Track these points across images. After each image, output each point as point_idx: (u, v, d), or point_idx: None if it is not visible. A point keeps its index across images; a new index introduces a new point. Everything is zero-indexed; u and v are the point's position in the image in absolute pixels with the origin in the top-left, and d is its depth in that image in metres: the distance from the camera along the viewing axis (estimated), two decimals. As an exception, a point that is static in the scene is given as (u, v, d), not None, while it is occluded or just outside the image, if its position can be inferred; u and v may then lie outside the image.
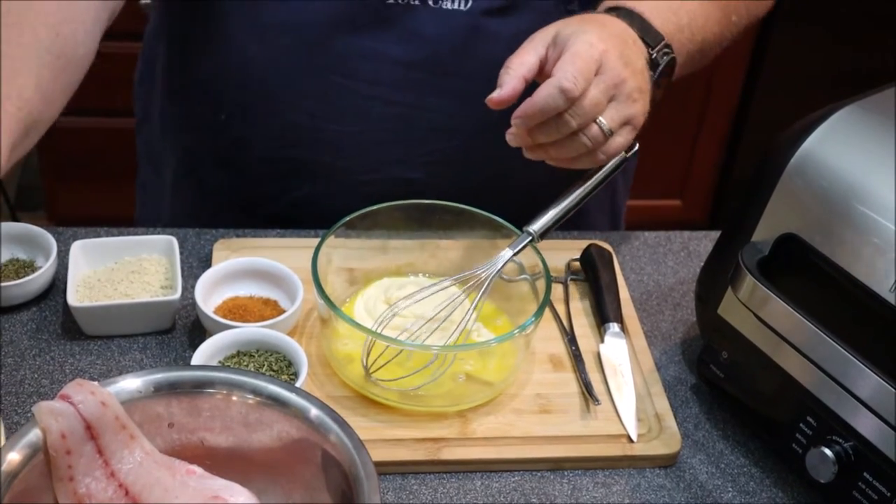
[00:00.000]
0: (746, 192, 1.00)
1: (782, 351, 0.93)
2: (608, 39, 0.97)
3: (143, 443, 0.78)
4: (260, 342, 1.00)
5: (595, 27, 0.98)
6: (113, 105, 2.39)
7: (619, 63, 0.97)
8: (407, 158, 1.18)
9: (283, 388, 0.80)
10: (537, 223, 1.03)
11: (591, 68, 0.95)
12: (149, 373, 0.81)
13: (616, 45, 0.98)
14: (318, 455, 0.78)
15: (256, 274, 1.08)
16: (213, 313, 1.02)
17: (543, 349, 1.07)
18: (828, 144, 0.93)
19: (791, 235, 0.94)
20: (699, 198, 2.66)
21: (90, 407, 0.76)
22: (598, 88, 0.96)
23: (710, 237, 1.25)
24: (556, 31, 0.98)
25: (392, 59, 1.12)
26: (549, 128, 0.97)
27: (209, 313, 1.01)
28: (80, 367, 1.02)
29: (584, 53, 0.95)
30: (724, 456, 1.00)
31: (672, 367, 1.09)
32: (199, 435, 0.81)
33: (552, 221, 1.03)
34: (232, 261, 1.08)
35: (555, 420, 1.00)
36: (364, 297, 1.07)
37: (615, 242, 1.23)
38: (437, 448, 0.96)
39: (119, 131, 2.42)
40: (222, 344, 0.99)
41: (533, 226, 1.02)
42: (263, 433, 0.81)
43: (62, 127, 2.39)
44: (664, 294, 1.18)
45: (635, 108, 0.99)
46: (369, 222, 1.07)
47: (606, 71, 0.96)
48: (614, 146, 0.99)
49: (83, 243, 1.08)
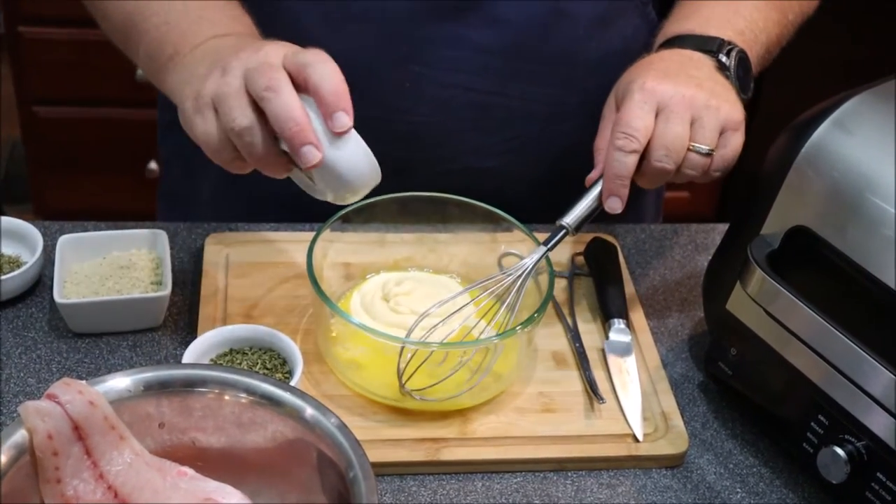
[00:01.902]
0: (755, 184, 1.00)
1: (792, 347, 0.93)
2: (662, 73, 1.00)
3: (132, 443, 0.78)
4: (253, 340, 1.00)
5: (644, 69, 1.02)
6: (102, 94, 2.40)
7: (679, 88, 0.99)
8: (483, 147, 1.20)
9: (277, 387, 0.80)
10: (571, 215, 1.00)
11: (643, 110, 0.98)
12: (138, 371, 0.80)
13: (672, 72, 1.01)
14: (314, 456, 0.78)
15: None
16: None
17: (546, 346, 1.07)
18: (839, 134, 0.93)
19: (801, 228, 0.93)
20: (707, 190, 2.66)
21: (78, 407, 0.76)
22: (671, 122, 0.98)
23: (718, 230, 1.25)
24: (613, 92, 1.03)
25: (474, 45, 1.14)
26: (650, 179, 1.00)
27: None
28: (67, 365, 1.02)
29: (631, 103, 0.98)
30: (733, 456, 1.00)
31: (679, 365, 1.09)
32: (190, 435, 0.81)
33: (587, 213, 1.01)
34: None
35: (558, 419, 1.00)
36: (361, 293, 1.07)
37: (620, 236, 1.23)
38: (437, 448, 0.96)
39: (108, 122, 2.42)
40: (214, 341, 0.99)
41: (566, 218, 1.00)
42: (257, 433, 0.81)
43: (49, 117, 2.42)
44: (671, 289, 1.18)
45: (722, 113, 0.99)
46: (366, 215, 1.07)
47: (669, 101, 0.98)
48: (726, 159, 1.00)
49: (70, 238, 1.08)
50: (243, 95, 0.89)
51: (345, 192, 0.92)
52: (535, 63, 1.16)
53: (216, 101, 0.90)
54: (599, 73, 1.14)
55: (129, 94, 2.33)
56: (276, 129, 0.88)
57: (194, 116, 0.91)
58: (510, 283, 0.98)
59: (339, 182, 0.91)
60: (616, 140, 0.97)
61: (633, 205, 1.13)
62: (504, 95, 1.18)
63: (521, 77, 1.17)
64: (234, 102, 0.88)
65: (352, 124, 0.89)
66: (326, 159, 0.89)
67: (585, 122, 1.09)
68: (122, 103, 2.40)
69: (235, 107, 0.88)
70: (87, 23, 1.14)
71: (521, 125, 1.20)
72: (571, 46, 1.07)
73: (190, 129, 0.93)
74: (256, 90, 0.88)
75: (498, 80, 1.16)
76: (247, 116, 0.88)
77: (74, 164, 2.48)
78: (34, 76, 2.36)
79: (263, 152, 0.89)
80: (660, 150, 0.98)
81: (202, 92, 0.91)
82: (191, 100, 0.92)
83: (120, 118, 2.42)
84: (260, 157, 0.90)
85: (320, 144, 0.88)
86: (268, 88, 0.87)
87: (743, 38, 1.09)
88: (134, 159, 2.44)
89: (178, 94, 0.96)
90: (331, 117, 0.88)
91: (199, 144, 0.92)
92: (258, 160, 0.90)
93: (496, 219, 1.08)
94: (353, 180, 0.91)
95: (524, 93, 1.18)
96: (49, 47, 2.32)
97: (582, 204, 1.01)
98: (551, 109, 1.19)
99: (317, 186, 0.94)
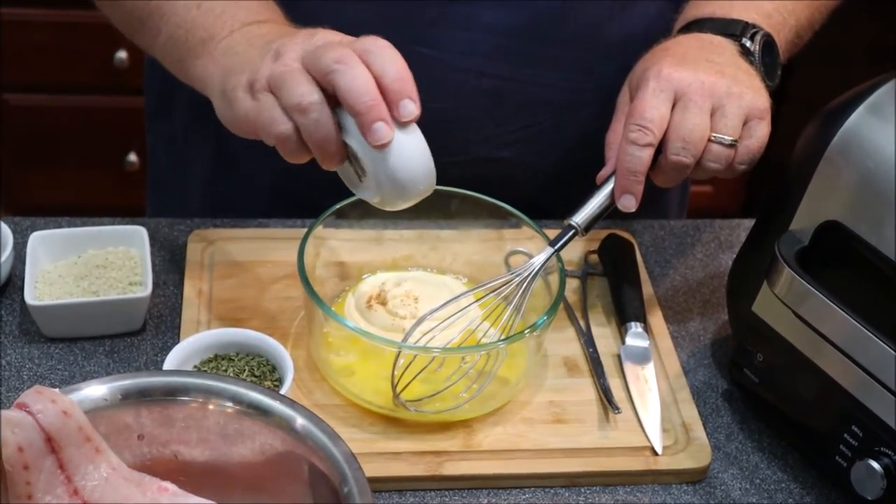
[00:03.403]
0: (783, 176, 1.00)
1: (824, 352, 0.93)
2: (679, 58, 1.00)
3: (109, 457, 0.78)
4: (240, 344, 1.00)
5: (660, 55, 1.02)
6: (77, 81, 2.40)
7: (698, 75, 0.99)
8: (497, 136, 1.20)
9: (265, 396, 0.80)
10: (581, 214, 1.00)
11: (658, 99, 0.97)
12: (116, 379, 0.81)
13: (690, 58, 1.00)
14: (305, 470, 0.79)
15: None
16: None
17: (557, 352, 1.07)
18: (874, 121, 0.93)
19: (833, 223, 0.93)
20: (731, 183, 2.66)
21: (50, 417, 0.76)
22: (689, 112, 0.98)
23: (744, 226, 1.25)
24: (627, 82, 1.03)
25: (486, 26, 1.14)
26: (667, 175, 1.00)
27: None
28: (39, 372, 1.02)
29: (645, 92, 0.98)
30: (760, 470, 1.00)
31: (701, 372, 1.09)
32: (172, 448, 0.81)
33: (599, 211, 1.01)
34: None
35: (570, 431, 1.00)
36: (356, 295, 1.07)
37: (638, 232, 1.23)
38: (439, 462, 0.96)
39: (84, 110, 2.42)
40: (198, 346, 0.99)
41: (576, 217, 1.00)
42: (244, 446, 0.81)
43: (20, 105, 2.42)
44: (692, 290, 1.18)
45: (745, 100, 0.99)
46: (361, 210, 1.07)
47: (687, 89, 0.98)
48: (751, 150, 1.00)
49: (43, 234, 1.08)
50: (305, 73, 0.89)
51: (394, 193, 0.91)
52: (552, 45, 1.16)
53: (274, 84, 0.90)
54: (620, 56, 1.14)
55: (107, 80, 2.33)
56: (349, 103, 0.87)
57: (249, 103, 0.91)
58: (517, 285, 0.98)
59: (392, 180, 0.90)
60: (629, 133, 0.97)
61: (655, 199, 1.13)
62: (518, 81, 1.18)
63: (537, 61, 1.17)
64: (298, 79, 0.89)
65: (419, 112, 0.89)
66: (389, 147, 0.88)
67: (603, 111, 1.09)
68: (99, 90, 2.40)
69: (301, 82, 0.89)
70: (60, 3, 1.14)
71: (536, 113, 1.20)
72: (591, 27, 1.07)
73: (244, 118, 0.93)
74: (324, 66, 0.88)
75: (514, 63, 1.16)
76: (314, 91, 0.88)
77: (47, 156, 2.48)
78: (3, 61, 2.36)
79: (327, 132, 0.89)
80: (676, 142, 0.97)
81: (256, 76, 0.91)
82: (242, 88, 0.92)
83: (96, 106, 2.42)
84: (322, 139, 0.89)
85: (392, 123, 0.88)
86: (339, 61, 0.88)
87: (770, 22, 1.09)
88: (112, 151, 2.44)
89: (215, 82, 0.96)
90: (396, 105, 0.88)
91: (261, 133, 0.92)
92: (320, 142, 0.90)
93: (503, 214, 1.08)
94: (408, 181, 0.90)
95: (540, 78, 1.18)
96: (20, 30, 2.32)
97: (593, 202, 1.01)
98: (568, 96, 1.19)
99: (365, 183, 0.93)
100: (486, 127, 1.20)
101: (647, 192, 1.00)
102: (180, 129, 1.32)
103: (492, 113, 1.19)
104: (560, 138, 1.22)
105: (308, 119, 0.89)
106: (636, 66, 1.05)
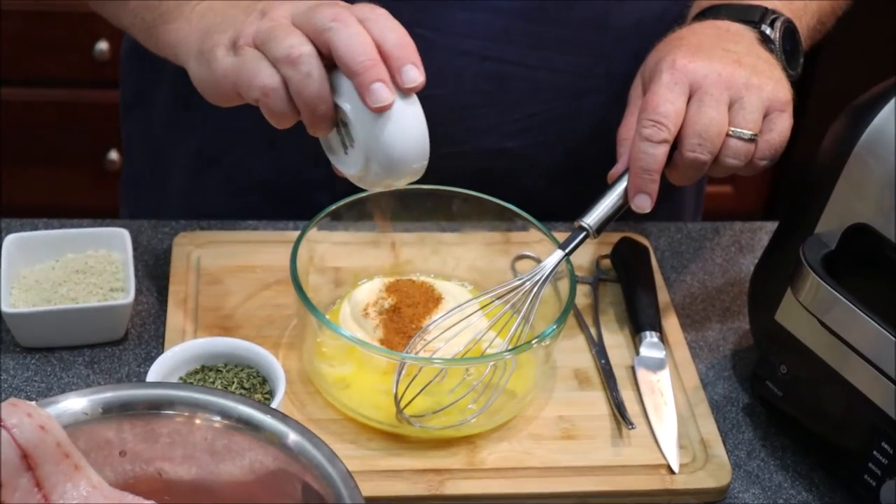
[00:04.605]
0: (808, 176, 1.00)
1: (852, 363, 0.93)
2: (694, 48, 1.00)
3: (89, 474, 0.78)
4: (229, 355, 1.00)
5: (674, 45, 1.02)
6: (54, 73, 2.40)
7: (714, 65, 0.99)
8: (501, 124, 1.20)
9: (256, 410, 0.80)
10: (592, 215, 1.00)
11: (673, 92, 0.98)
12: (96, 391, 0.80)
13: (706, 47, 1.00)
14: (298, 489, 0.79)
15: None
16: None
17: (567, 362, 1.07)
18: (906, 117, 0.93)
19: (861, 226, 0.94)
20: (752, 183, 2.66)
21: (27, 432, 0.76)
22: (705, 105, 0.98)
23: (766, 229, 1.25)
24: (640, 74, 1.03)
25: (491, 6, 1.14)
26: (683, 172, 1.00)
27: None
28: (14, 384, 1.02)
29: (658, 85, 0.98)
30: (783, 490, 1.00)
31: (720, 384, 1.09)
32: (156, 465, 0.81)
33: (611, 212, 1.00)
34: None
35: (580, 447, 1.00)
36: (352, 302, 1.07)
37: (653, 236, 1.23)
38: (440, 481, 0.96)
39: (62, 105, 2.42)
40: (184, 357, 0.99)
41: (587, 218, 1.00)
42: (233, 463, 0.81)
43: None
44: (711, 297, 1.18)
45: (765, 92, 0.99)
46: (358, 212, 1.07)
47: (703, 81, 0.98)
48: (772, 145, 1.00)
49: (18, 237, 1.08)
50: (295, 27, 0.88)
51: (383, 168, 0.90)
52: (563, 28, 1.16)
53: (260, 40, 0.89)
54: (633, 39, 1.14)
55: (86, 72, 2.33)
56: (346, 62, 0.87)
57: (230, 59, 0.90)
58: (525, 292, 0.98)
59: (384, 152, 0.89)
60: (642, 128, 0.97)
61: (668, 199, 1.13)
62: (523, 65, 1.17)
63: (546, 43, 1.16)
64: (286, 31, 0.88)
65: (423, 80, 0.89)
66: (387, 114, 0.87)
67: (616, 100, 1.09)
68: (78, 83, 2.40)
69: (290, 34, 0.88)
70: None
71: (543, 100, 1.20)
72: (603, 7, 1.06)
73: (223, 77, 0.91)
74: (319, 23, 0.87)
75: (520, 46, 1.16)
76: (305, 42, 0.87)
77: (23, 154, 2.48)
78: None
79: (319, 87, 0.88)
80: (693, 137, 0.97)
81: (240, 34, 0.90)
82: (223, 47, 0.91)
83: (75, 101, 2.42)
84: (313, 95, 0.88)
85: (393, 88, 0.88)
86: (335, 19, 0.87)
87: (791, 7, 1.09)
88: (92, 148, 2.44)
89: (191, 44, 0.95)
90: (399, 71, 0.88)
91: (242, 89, 0.90)
92: (310, 99, 0.88)
93: (509, 215, 1.08)
94: (401, 156, 0.89)
95: (548, 62, 1.18)
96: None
97: (605, 202, 1.00)
98: (578, 82, 1.19)
99: (350, 155, 0.92)
100: (489, 115, 1.20)
101: (661, 189, 1.00)
102: (159, 121, 1.31)
103: (495, 100, 1.19)
104: (569, 128, 1.22)
105: (298, 71, 0.88)
106: (649, 56, 1.05)
